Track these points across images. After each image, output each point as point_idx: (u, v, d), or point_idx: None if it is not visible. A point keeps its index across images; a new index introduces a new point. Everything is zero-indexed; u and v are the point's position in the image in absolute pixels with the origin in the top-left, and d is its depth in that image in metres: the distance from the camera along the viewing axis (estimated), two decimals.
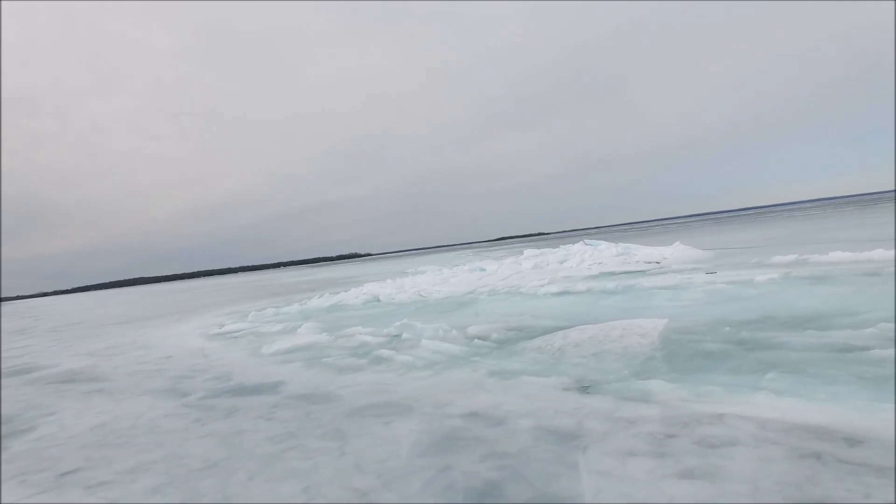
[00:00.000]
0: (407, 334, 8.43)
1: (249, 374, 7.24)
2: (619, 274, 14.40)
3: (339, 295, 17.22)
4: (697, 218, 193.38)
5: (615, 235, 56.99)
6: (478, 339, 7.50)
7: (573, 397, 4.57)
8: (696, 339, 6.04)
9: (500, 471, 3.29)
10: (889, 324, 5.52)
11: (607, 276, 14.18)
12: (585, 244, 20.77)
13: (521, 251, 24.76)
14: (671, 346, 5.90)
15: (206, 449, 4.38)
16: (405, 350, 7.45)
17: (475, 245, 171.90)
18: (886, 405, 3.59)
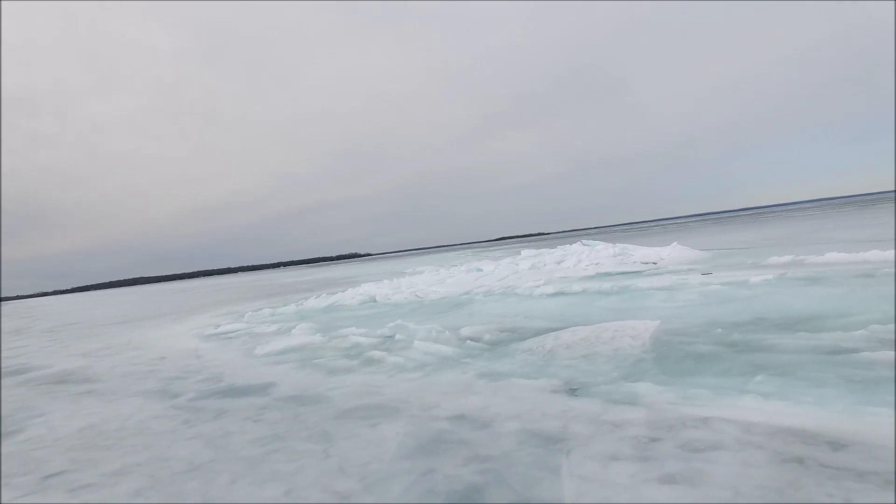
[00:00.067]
0: (400, 335, 8.41)
1: (241, 376, 7.23)
2: (615, 275, 14.38)
3: (336, 295, 17.21)
4: (697, 218, 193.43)
5: (615, 235, 56.95)
6: (470, 341, 7.48)
7: (561, 400, 4.55)
8: (688, 341, 6.03)
9: (482, 474, 3.27)
10: (880, 326, 5.50)
11: (603, 276, 14.17)
12: (583, 244, 20.75)
13: (519, 251, 24.74)
14: (662, 347, 5.88)
15: (192, 451, 4.36)
16: (397, 351, 7.44)
17: (475, 245, 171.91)
18: (872, 408, 3.57)
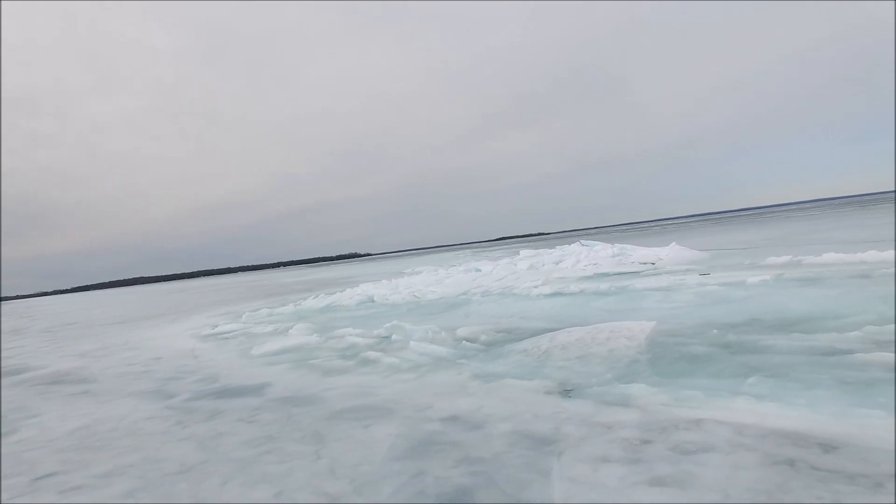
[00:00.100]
0: (396, 336, 8.40)
1: (236, 376, 7.22)
2: (613, 275, 14.37)
3: (334, 295, 17.19)
4: (697, 218, 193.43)
5: (614, 236, 56.94)
6: (466, 341, 7.47)
7: (554, 401, 4.54)
8: (682, 342, 6.01)
9: (472, 476, 3.26)
10: (875, 327, 5.49)
11: (601, 277, 14.15)
12: (581, 245, 20.74)
13: (518, 252, 24.72)
14: (657, 348, 5.87)
15: (184, 452, 4.35)
16: (393, 352, 7.43)
17: (475, 245, 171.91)
18: (864, 410, 3.56)
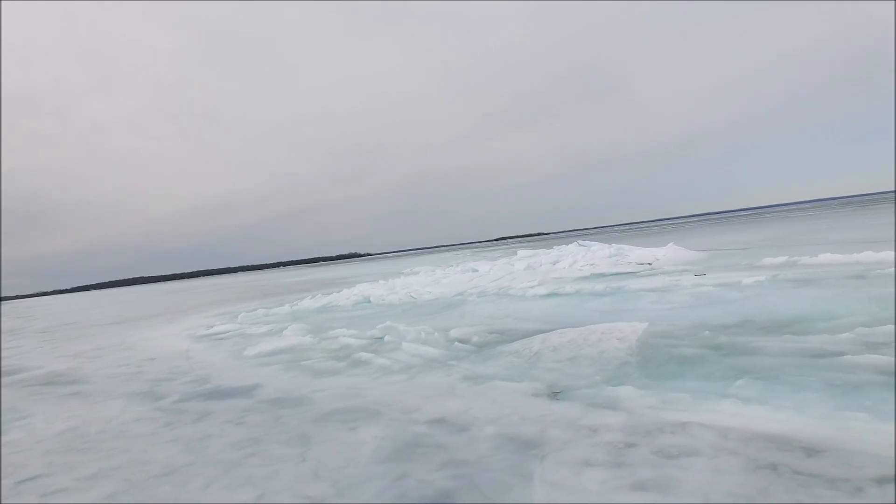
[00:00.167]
0: (389, 337, 8.38)
1: (227, 377, 7.20)
2: (609, 275, 14.34)
3: (331, 296, 17.18)
4: (697, 218, 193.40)
5: (614, 236, 56.91)
6: (458, 343, 7.45)
7: (541, 404, 4.52)
8: (674, 344, 5.99)
9: (454, 480, 3.24)
10: (866, 328, 5.47)
11: (597, 277, 14.13)
12: (579, 245, 20.72)
13: (516, 252, 24.70)
14: (647, 350, 5.85)
15: (170, 454, 4.33)
16: (385, 353, 7.40)
17: (475, 245, 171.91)
18: (850, 413, 3.54)
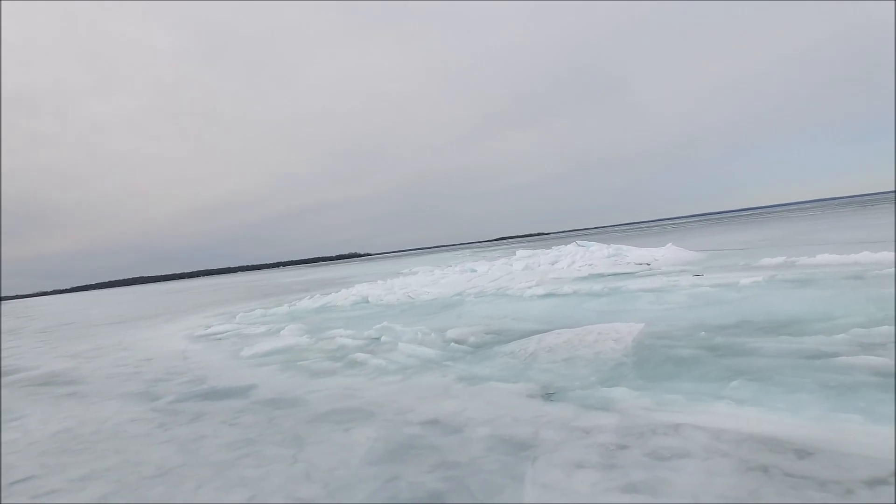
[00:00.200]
0: (386, 337, 8.38)
1: (223, 378, 7.19)
2: (607, 276, 14.34)
3: (329, 296, 17.17)
4: (697, 219, 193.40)
5: (614, 236, 56.91)
6: (454, 343, 7.44)
7: (535, 405, 4.51)
8: (670, 345, 5.98)
9: (446, 481, 3.23)
10: (862, 329, 5.46)
11: (596, 277, 14.13)
12: (577, 245, 20.71)
13: (515, 252, 24.69)
14: (643, 351, 5.84)
15: (163, 456, 4.32)
16: (381, 354, 7.40)
17: (475, 245, 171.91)
18: (843, 415, 3.53)
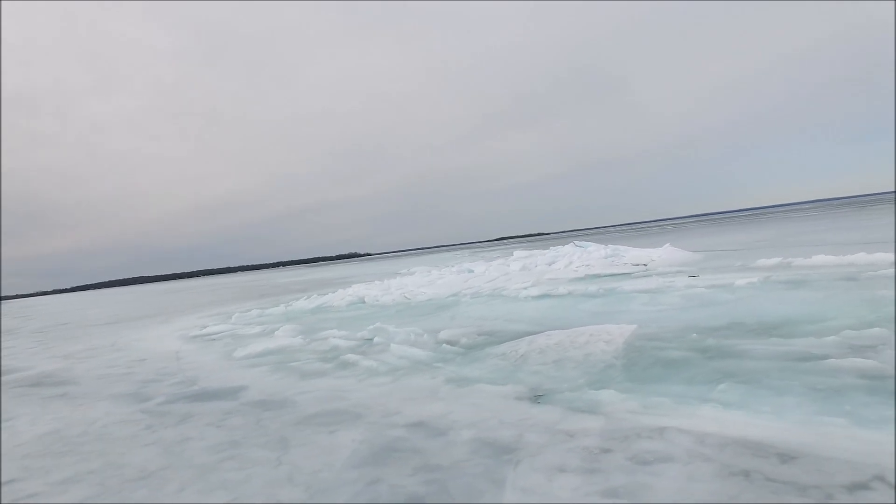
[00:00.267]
0: (378, 338, 8.36)
1: (214, 379, 7.17)
2: (604, 276, 14.32)
3: (326, 296, 17.16)
4: (697, 219, 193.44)
5: (614, 236, 56.90)
6: (446, 344, 7.42)
7: (522, 407, 4.48)
8: (660, 347, 5.96)
9: (426, 485, 3.21)
10: (853, 331, 5.44)
11: (592, 278, 14.10)
12: (575, 246, 20.68)
13: (513, 252, 24.66)
14: (633, 353, 5.82)
15: (147, 458, 4.30)
16: (373, 355, 7.37)
17: (475, 245, 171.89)
18: (828, 418, 3.51)
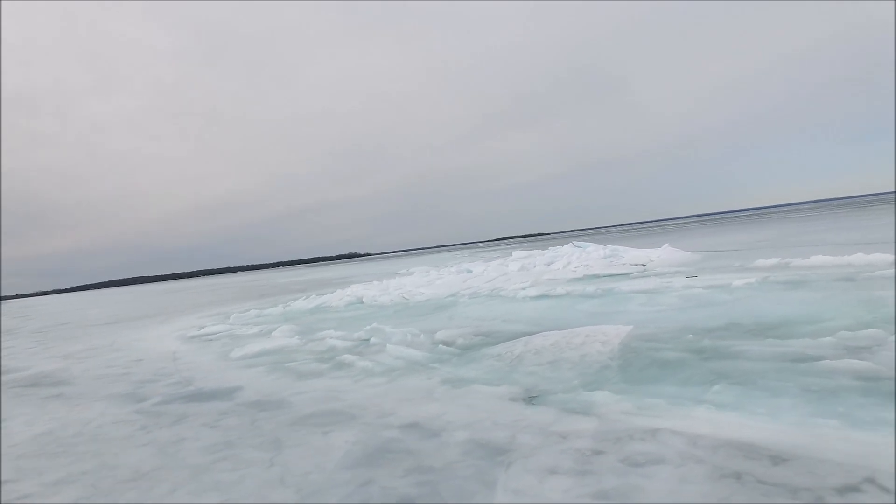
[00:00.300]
0: (375, 339, 8.35)
1: (210, 379, 7.16)
2: (602, 277, 14.30)
3: (325, 296, 17.15)
4: (697, 219, 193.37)
5: (614, 236, 56.86)
6: (442, 345, 7.41)
7: (516, 408, 4.48)
8: (656, 348, 5.95)
9: (418, 487, 3.20)
10: (848, 332, 5.43)
11: (590, 279, 14.09)
12: (574, 246, 20.67)
13: (512, 252, 24.64)
14: (629, 354, 5.81)
15: (141, 459, 4.29)
16: (369, 355, 7.37)
17: (475, 245, 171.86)
18: (821, 420, 3.50)
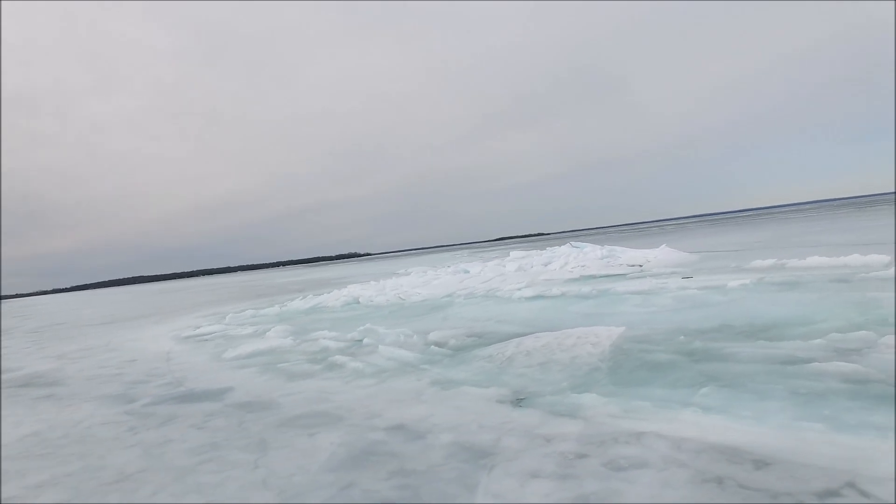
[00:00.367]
0: (368, 339, 8.33)
1: (202, 380, 7.14)
2: (598, 277, 14.28)
3: (321, 297, 17.14)
4: (696, 219, 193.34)
5: (613, 236, 56.85)
6: (435, 346, 7.39)
7: (503, 411, 4.46)
8: (647, 349, 5.93)
9: (399, 490, 3.18)
10: (839, 334, 5.41)
11: (586, 279, 14.07)
12: (571, 246, 20.65)
13: (510, 252, 24.62)
14: (619, 356, 5.79)
15: (126, 460, 4.27)
16: (361, 356, 7.35)
17: (474, 245, 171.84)
18: (807, 423, 3.48)
